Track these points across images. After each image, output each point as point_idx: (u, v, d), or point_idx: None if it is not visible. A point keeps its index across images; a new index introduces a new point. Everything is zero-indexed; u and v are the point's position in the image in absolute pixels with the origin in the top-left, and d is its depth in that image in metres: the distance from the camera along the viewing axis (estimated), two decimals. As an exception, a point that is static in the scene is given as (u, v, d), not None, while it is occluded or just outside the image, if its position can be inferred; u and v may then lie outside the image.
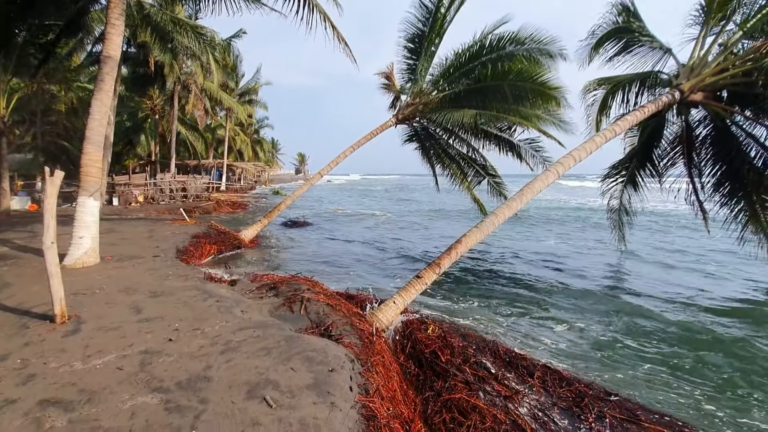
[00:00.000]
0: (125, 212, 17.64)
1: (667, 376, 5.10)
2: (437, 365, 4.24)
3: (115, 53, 7.71)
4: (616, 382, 4.82)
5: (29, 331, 4.23)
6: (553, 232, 18.76)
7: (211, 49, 15.75)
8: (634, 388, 4.69)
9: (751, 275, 10.75)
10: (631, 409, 3.82)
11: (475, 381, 3.91)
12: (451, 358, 4.27)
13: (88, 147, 7.40)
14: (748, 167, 8.30)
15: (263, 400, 3.03)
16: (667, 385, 4.87)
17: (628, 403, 3.97)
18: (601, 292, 8.96)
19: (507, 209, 6.24)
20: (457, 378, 3.96)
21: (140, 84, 22.64)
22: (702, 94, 7.68)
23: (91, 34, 15.45)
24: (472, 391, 3.78)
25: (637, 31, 8.85)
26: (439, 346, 4.51)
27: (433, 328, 5.02)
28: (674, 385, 4.89)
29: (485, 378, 3.96)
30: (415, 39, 11.97)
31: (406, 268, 10.91)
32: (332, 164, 12.99)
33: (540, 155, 12.47)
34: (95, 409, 2.89)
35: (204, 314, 4.83)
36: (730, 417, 4.20)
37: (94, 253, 7.43)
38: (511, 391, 3.81)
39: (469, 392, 3.74)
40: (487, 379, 3.94)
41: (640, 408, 3.92)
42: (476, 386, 3.85)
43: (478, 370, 4.05)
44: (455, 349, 4.42)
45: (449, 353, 4.36)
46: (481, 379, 3.94)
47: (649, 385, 4.83)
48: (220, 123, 39.47)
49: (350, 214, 25.56)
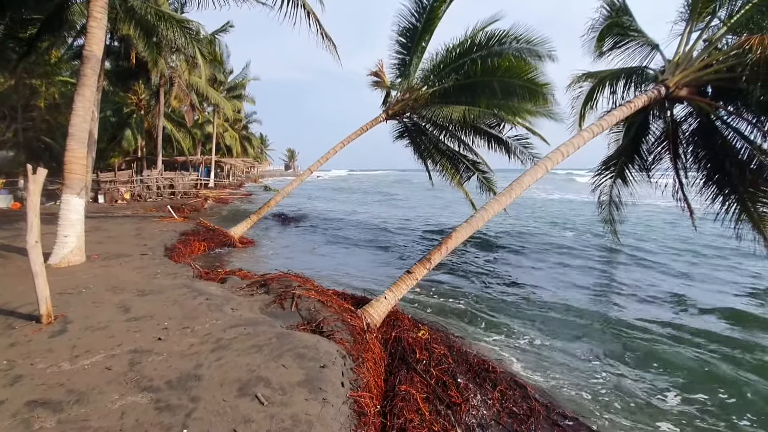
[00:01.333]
0: (111, 210, 17.34)
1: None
2: (408, 361, 4.31)
3: (98, 47, 7.53)
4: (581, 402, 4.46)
5: (15, 331, 4.15)
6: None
7: (198, 43, 15.45)
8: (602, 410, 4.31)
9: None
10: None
11: (437, 385, 3.93)
12: (427, 359, 4.33)
13: (72, 143, 7.24)
14: (733, 161, 8.47)
15: (255, 398, 3.03)
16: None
17: (582, 428, 3.76)
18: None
19: (496, 204, 6.29)
20: (419, 378, 4.00)
21: (124, 78, 22.14)
22: (687, 90, 7.80)
23: (73, 27, 15.05)
24: (427, 392, 3.80)
25: (627, 26, 8.91)
26: (420, 347, 4.57)
27: (423, 332, 5.07)
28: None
29: (447, 383, 3.97)
30: (407, 33, 11.92)
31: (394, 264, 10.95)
32: (322, 160, 12.92)
33: (528, 151, 12.61)
34: (84, 409, 2.86)
35: (194, 312, 4.80)
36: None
37: (79, 251, 7.30)
38: (462, 399, 3.74)
39: (424, 394, 3.75)
40: (448, 385, 3.94)
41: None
42: (433, 389, 3.87)
43: (444, 375, 4.08)
44: (434, 354, 4.44)
45: (427, 355, 4.42)
46: (441, 384, 3.96)
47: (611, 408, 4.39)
48: (207, 119, 38.93)
49: (338, 211, 25.50)
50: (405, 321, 5.44)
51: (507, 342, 6.02)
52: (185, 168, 35.05)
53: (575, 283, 9.44)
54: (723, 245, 13.75)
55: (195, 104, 28.09)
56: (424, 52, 12.25)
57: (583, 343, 6.20)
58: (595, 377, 5.09)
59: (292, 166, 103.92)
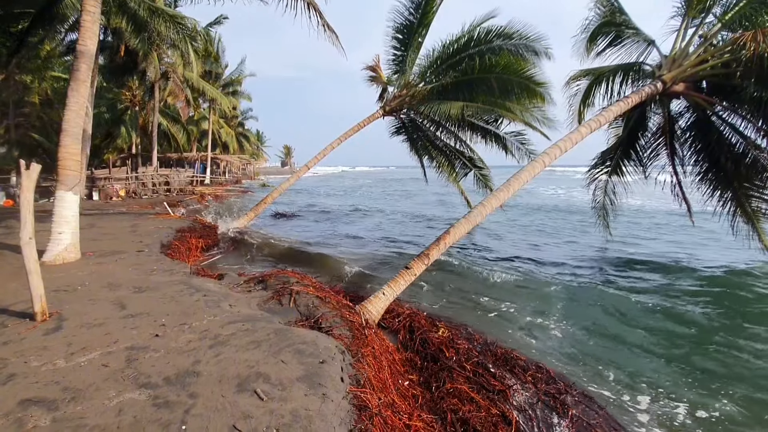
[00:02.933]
0: (106, 207, 17.17)
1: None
2: (442, 361, 4.52)
3: (92, 42, 7.43)
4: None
5: (8, 329, 4.09)
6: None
7: (191, 39, 15.30)
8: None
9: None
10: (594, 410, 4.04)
11: (474, 376, 4.19)
12: (456, 356, 4.57)
13: (66, 139, 7.15)
14: (728, 156, 8.52)
15: (254, 393, 3.01)
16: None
17: (594, 404, 4.20)
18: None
19: (494, 200, 6.29)
20: (458, 372, 4.26)
21: (118, 74, 21.89)
22: (683, 85, 7.84)
23: (65, 21, 14.85)
24: (471, 384, 4.07)
25: (623, 24, 8.94)
26: (446, 345, 4.78)
27: (443, 330, 5.22)
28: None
29: (483, 374, 4.22)
30: (403, 29, 11.89)
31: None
32: (319, 156, 12.89)
33: (525, 147, 12.61)
34: (80, 407, 2.82)
35: (191, 309, 4.76)
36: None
37: (74, 248, 7.23)
38: (504, 386, 4.06)
39: (469, 386, 4.03)
40: (485, 376, 4.20)
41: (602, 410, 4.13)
42: (474, 380, 4.13)
43: (478, 368, 4.32)
44: (460, 349, 4.68)
45: (454, 352, 4.65)
46: (479, 375, 4.21)
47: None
48: (203, 115, 38.63)
49: (335, 207, 25.45)
50: (422, 321, 5.53)
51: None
52: (181, 165, 34.81)
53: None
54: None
55: (190, 100, 27.85)
56: (421, 47, 12.23)
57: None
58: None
59: (288, 163, 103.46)
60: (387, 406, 3.41)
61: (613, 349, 5.91)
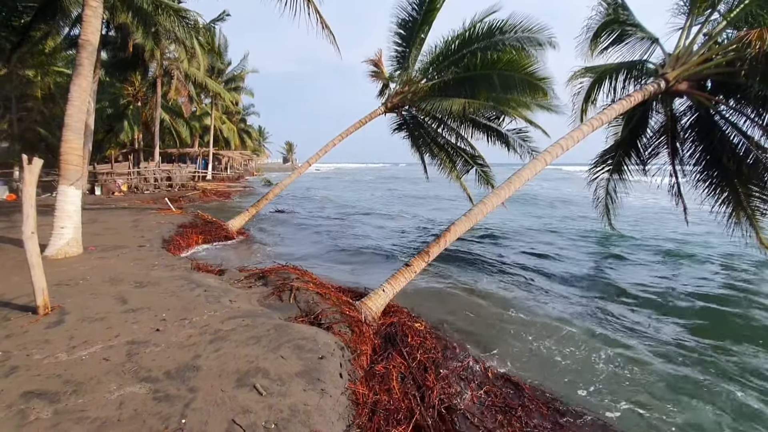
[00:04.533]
0: (108, 202, 17.24)
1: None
2: (396, 342, 4.45)
3: (94, 37, 7.44)
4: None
5: (10, 323, 4.13)
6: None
7: (196, 33, 15.30)
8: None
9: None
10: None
11: (417, 368, 4.04)
12: (417, 345, 4.45)
13: (68, 134, 7.17)
14: (729, 156, 8.49)
15: (253, 388, 3.03)
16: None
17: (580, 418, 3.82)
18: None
19: (495, 197, 6.28)
20: (400, 356, 4.15)
21: (121, 69, 21.95)
22: (687, 84, 7.78)
23: (68, 16, 14.86)
24: (403, 372, 3.92)
25: (626, 21, 8.87)
26: (413, 334, 4.69)
27: (419, 325, 5.12)
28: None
29: (427, 368, 4.07)
30: (406, 25, 11.82)
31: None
32: (320, 153, 12.86)
33: (527, 145, 12.56)
34: (82, 399, 2.85)
35: (192, 304, 4.79)
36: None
37: (76, 243, 7.27)
38: (434, 384, 3.77)
39: (402, 375, 3.87)
40: (428, 370, 4.04)
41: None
42: (410, 371, 3.98)
43: (428, 362, 4.18)
44: (426, 344, 4.55)
45: (418, 341, 4.55)
46: (422, 369, 4.06)
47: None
48: (205, 111, 38.62)
49: (337, 204, 25.47)
50: (403, 313, 5.47)
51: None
52: (183, 160, 34.87)
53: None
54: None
55: (192, 95, 27.83)
56: (423, 44, 12.16)
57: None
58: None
59: (290, 159, 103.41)
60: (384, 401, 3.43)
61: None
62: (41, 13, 13.36)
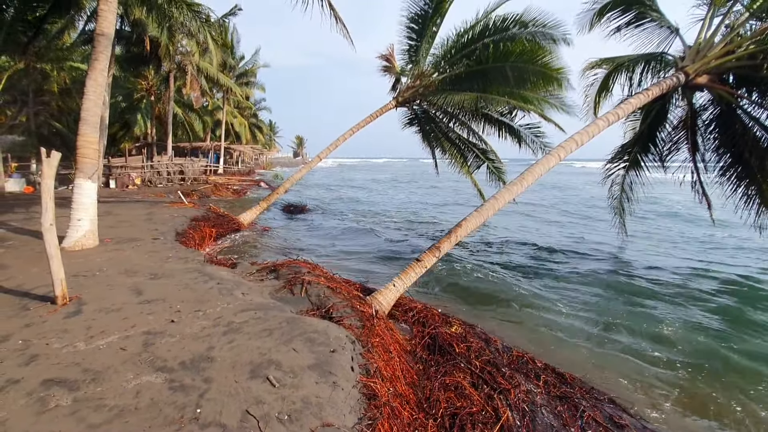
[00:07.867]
0: (122, 195, 17.51)
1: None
2: (451, 355, 4.43)
3: (109, 31, 7.51)
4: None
5: (30, 312, 4.24)
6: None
7: (208, 27, 15.34)
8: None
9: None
10: (615, 416, 3.75)
11: (482, 374, 4.06)
12: (466, 352, 4.44)
13: (84, 128, 7.28)
14: (752, 150, 8.22)
15: (266, 380, 3.06)
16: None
17: (619, 410, 3.92)
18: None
19: (507, 193, 6.21)
20: (463, 368, 4.14)
21: (135, 64, 22.11)
22: (707, 77, 7.56)
23: (83, 11, 15.05)
24: (474, 380, 3.96)
25: (647, 3, 8.46)
26: (457, 340, 4.69)
27: (457, 327, 5.15)
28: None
29: (492, 372, 4.08)
30: (418, 19, 11.69)
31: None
32: (331, 147, 12.86)
33: (540, 140, 12.35)
34: (100, 388, 2.91)
35: (205, 296, 4.85)
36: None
37: (92, 235, 7.40)
38: (510, 385, 3.88)
39: (471, 381, 3.92)
40: (493, 374, 4.05)
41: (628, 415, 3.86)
42: (480, 377, 4.01)
43: (488, 366, 4.19)
44: (472, 346, 4.57)
45: (465, 348, 4.54)
46: (487, 373, 4.08)
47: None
48: (217, 105, 38.85)
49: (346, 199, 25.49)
50: (435, 317, 5.45)
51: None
52: (195, 154, 35.17)
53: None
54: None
55: (205, 89, 27.99)
56: (435, 37, 12.03)
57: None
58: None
59: (300, 153, 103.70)
60: (397, 396, 3.44)
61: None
62: (56, 7, 13.53)
